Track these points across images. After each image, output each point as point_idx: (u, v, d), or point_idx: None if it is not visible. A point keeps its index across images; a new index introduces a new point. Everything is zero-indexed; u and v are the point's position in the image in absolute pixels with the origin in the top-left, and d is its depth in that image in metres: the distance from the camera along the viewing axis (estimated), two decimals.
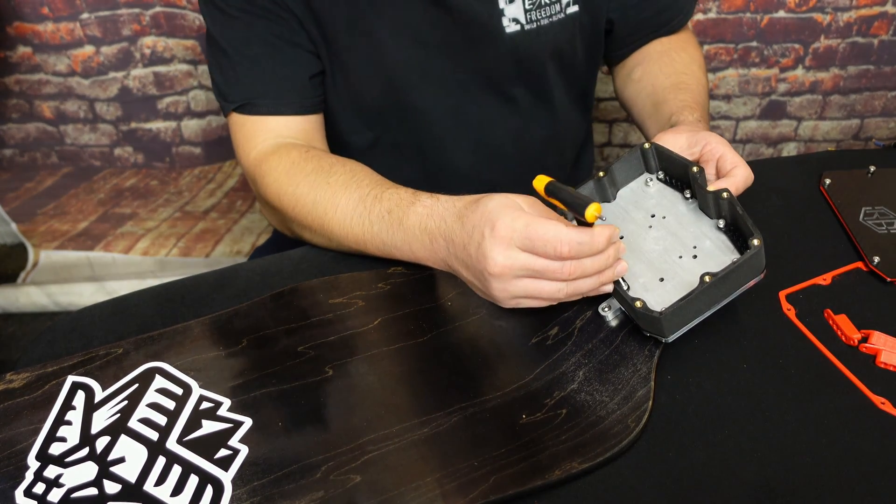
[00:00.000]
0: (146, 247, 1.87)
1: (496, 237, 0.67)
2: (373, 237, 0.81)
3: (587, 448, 0.64)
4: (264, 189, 0.92)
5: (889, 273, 0.80)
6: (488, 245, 0.68)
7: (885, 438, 0.66)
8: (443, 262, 0.77)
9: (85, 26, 1.48)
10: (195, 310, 0.80)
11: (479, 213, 0.70)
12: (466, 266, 0.73)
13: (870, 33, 1.54)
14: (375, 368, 0.72)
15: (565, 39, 0.99)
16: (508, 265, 0.68)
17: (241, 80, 0.93)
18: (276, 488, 0.63)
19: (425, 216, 0.77)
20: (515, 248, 0.68)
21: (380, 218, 0.80)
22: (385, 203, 0.80)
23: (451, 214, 0.74)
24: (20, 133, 1.65)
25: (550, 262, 0.67)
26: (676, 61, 1.01)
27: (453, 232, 0.73)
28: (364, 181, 0.84)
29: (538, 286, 0.69)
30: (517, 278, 0.69)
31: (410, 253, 0.79)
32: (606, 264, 0.69)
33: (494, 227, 0.67)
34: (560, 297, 0.70)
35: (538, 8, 0.94)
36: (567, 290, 0.69)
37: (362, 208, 0.82)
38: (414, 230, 0.77)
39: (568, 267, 0.67)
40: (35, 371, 0.72)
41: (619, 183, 0.81)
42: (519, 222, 0.67)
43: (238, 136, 0.96)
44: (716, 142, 0.78)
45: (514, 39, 0.95)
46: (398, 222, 0.78)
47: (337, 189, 0.84)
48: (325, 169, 0.87)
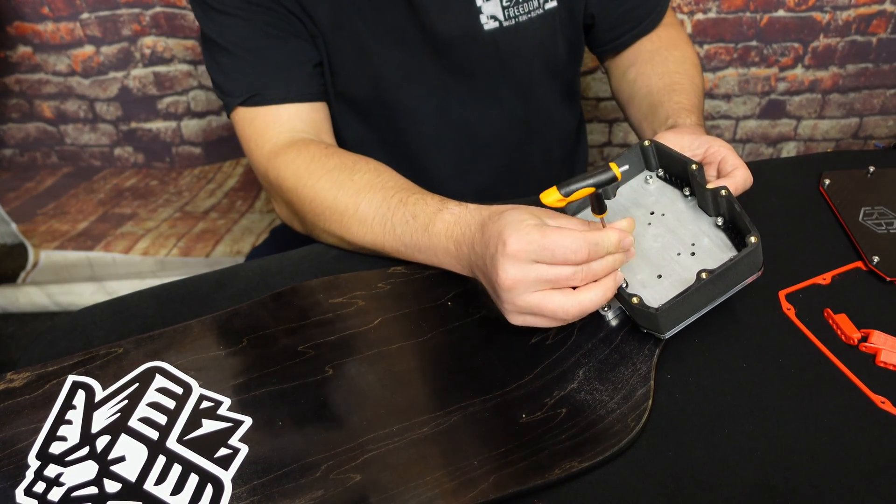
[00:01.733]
0: (146, 247, 1.87)
1: (507, 253, 0.67)
2: (394, 239, 0.81)
3: (587, 447, 0.65)
4: (280, 182, 0.91)
5: (888, 272, 0.80)
6: (500, 259, 0.68)
7: (884, 437, 0.66)
8: (467, 267, 0.77)
9: (85, 26, 1.49)
10: (195, 310, 0.80)
11: (498, 225, 0.70)
12: (484, 275, 0.73)
13: (868, 32, 1.54)
14: (375, 368, 0.72)
15: (546, 35, 0.99)
16: (520, 278, 0.67)
17: (246, 74, 0.93)
18: (276, 487, 0.63)
19: (452, 223, 0.77)
20: (529, 262, 0.67)
21: (403, 222, 0.80)
22: (411, 208, 0.80)
23: (476, 223, 0.74)
24: (20, 133, 1.65)
25: (562, 270, 0.67)
26: (669, 60, 1.01)
27: (475, 240, 0.73)
28: (389, 183, 0.84)
29: (545, 300, 0.68)
30: (527, 292, 0.68)
31: (434, 257, 0.79)
32: (614, 266, 0.69)
33: (507, 242, 0.67)
34: (565, 317, 0.69)
35: (516, 4, 0.94)
36: (573, 310, 0.68)
37: (385, 209, 0.82)
38: (440, 237, 0.77)
39: (580, 273, 0.67)
40: (35, 370, 0.72)
41: (619, 181, 0.81)
42: (533, 235, 0.67)
43: (248, 130, 0.95)
44: (718, 145, 0.78)
45: (493, 36, 0.96)
46: (423, 228, 0.78)
47: (361, 188, 0.84)
48: (348, 166, 0.87)
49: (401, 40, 0.95)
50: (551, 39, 1.00)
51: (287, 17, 0.92)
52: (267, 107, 0.93)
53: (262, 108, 0.93)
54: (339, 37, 0.94)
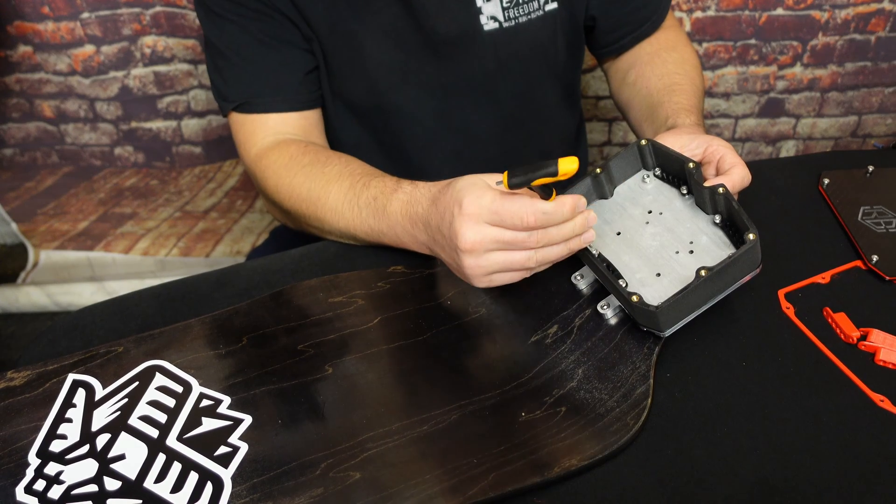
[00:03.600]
0: (146, 247, 1.87)
1: (464, 215, 0.70)
2: (361, 223, 0.83)
3: (586, 445, 0.65)
4: (264, 183, 0.94)
5: (887, 271, 0.80)
6: (458, 223, 0.70)
7: (883, 436, 0.66)
8: (425, 245, 0.79)
9: (85, 26, 1.49)
10: (195, 309, 0.80)
11: (450, 193, 0.72)
12: (442, 247, 0.75)
13: (867, 30, 1.54)
14: (375, 366, 0.72)
15: (546, 36, 0.99)
16: (479, 240, 0.70)
17: (239, 80, 0.95)
18: (276, 485, 0.63)
19: (406, 202, 0.79)
20: (484, 224, 0.70)
21: (367, 204, 0.83)
22: (371, 190, 0.83)
23: (427, 199, 0.76)
24: (20, 132, 1.65)
25: (518, 233, 0.69)
26: (668, 62, 1.01)
27: (429, 215, 0.75)
28: (357, 171, 0.87)
29: (508, 257, 0.71)
30: (488, 252, 0.71)
31: (396, 238, 0.82)
32: (573, 232, 0.71)
33: (462, 205, 0.70)
34: (531, 266, 0.72)
35: (516, 6, 0.95)
36: (536, 257, 0.71)
37: (352, 195, 0.84)
38: (396, 216, 0.80)
39: (535, 236, 0.69)
40: (36, 369, 0.72)
41: (617, 180, 0.81)
42: (485, 198, 0.69)
43: (239, 134, 0.98)
44: (718, 143, 0.79)
45: (493, 37, 0.96)
46: (382, 209, 0.81)
47: (330, 178, 0.87)
48: (321, 161, 0.90)
49: (398, 41, 0.95)
50: (551, 41, 1.00)
51: (282, 24, 0.92)
52: (255, 115, 0.96)
53: (251, 115, 0.96)
54: (336, 39, 0.94)
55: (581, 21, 1.03)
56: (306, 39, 0.95)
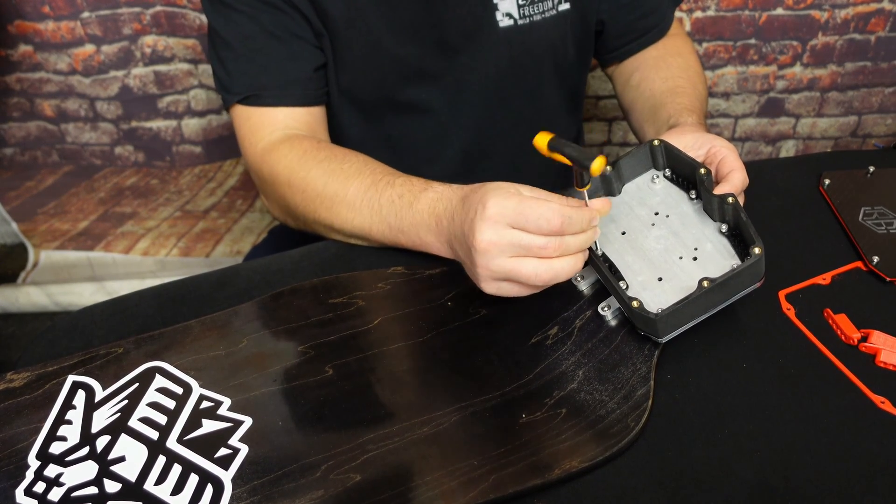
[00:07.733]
0: (146, 247, 1.87)
1: (486, 215, 0.70)
2: (380, 221, 0.83)
3: (587, 447, 0.65)
4: (274, 176, 0.92)
5: (888, 273, 0.80)
6: (478, 222, 0.70)
7: (884, 437, 0.66)
8: (447, 243, 0.78)
9: (86, 25, 1.49)
10: (195, 309, 0.80)
11: (479, 194, 0.72)
12: (460, 243, 0.74)
13: (867, 30, 1.54)
14: (375, 368, 0.72)
15: (557, 37, 1.00)
16: (495, 241, 0.69)
17: (246, 72, 0.94)
18: (276, 487, 0.63)
19: (435, 199, 0.79)
20: (505, 227, 0.69)
21: (390, 202, 0.82)
22: (397, 188, 0.83)
23: (458, 197, 0.77)
24: (21, 132, 1.65)
25: (536, 239, 0.69)
26: (672, 66, 1.02)
27: (456, 212, 0.76)
28: (377, 169, 0.86)
29: (518, 266, 0.70)
30: (500, 256, 0.70)
31: (416, 237, 0.81)
32: (587, 243, 0.71)
33: (486, 205, 0.70)
34: (537, 283, 0.71)
35: (531, 4, 0.95)
36: (545, 276, 0.70)
37: (373, 192, 0.84)
38: (423, 213, 0.80)
39: (553, 243, 0.69)
40: (35, 370, 0.72)
41: (626, 178, 0.81)
42: (511, 200, 0.69)
43: (243, 128, 0.97)
44: (721, 144, 0.78)
45: (507, 34, 0.96)
46: (408, 205, 0.81)
47: (350, 174, 0.87)
48: (338, 157, 0.89)
49: (415, 36, 0.95)
50: (562, 42, 1.01)
51: (293, 18, 0.92)
52: (262, 108, 0.95)
53: (258, 108, 0.95)
54: (351, 33, 0.94)
55: (591, 25, 1.04)
56: (316, 35, 0.94)
